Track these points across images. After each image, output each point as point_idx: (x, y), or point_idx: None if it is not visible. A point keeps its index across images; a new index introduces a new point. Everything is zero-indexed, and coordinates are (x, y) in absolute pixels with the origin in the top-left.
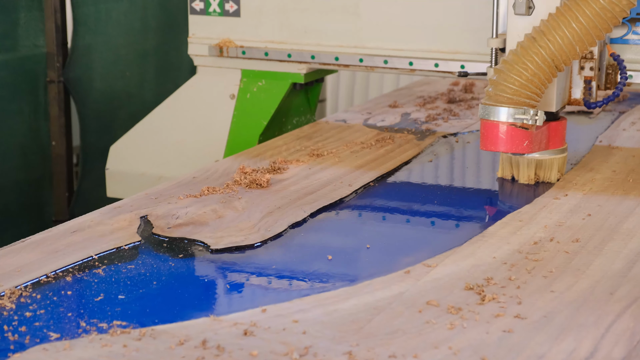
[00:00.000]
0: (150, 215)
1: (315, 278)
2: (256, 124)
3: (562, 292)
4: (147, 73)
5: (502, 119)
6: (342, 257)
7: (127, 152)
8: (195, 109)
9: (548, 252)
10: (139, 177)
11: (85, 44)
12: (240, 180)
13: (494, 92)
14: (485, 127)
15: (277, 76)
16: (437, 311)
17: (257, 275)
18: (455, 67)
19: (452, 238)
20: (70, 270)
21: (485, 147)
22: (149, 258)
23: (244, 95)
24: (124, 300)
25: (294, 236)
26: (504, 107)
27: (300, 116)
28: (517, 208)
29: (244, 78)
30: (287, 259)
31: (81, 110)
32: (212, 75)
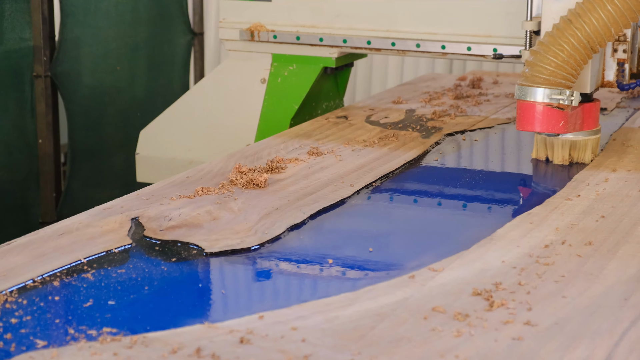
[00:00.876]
0: (141, 217)
1: (315, 283)
2: (287, 108)
3: (575, 298)
4: (138, 67)
5: (538, 99)
6: (343, 261)
7: (157, 137)
8: (226, 94)
9: (560, 255)
10: (169, 162)
11: (73, 37)
12: (237, 180)
13: (531, 73)
14: (522, 108)
15: (308, 60)
16: (444, 318)
17: (254, 280)
18: (488, 50)
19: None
20: (57, 274)
21: (522, 127)
22: (141, 262)
23: (275, 80)
24: (114, 306)
25: (292, 239)
26: (541, 87)
27: (329, 101)
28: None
29: (274, 62)
30: (285, 262)
31: (69, 106)
32: (242, 60)
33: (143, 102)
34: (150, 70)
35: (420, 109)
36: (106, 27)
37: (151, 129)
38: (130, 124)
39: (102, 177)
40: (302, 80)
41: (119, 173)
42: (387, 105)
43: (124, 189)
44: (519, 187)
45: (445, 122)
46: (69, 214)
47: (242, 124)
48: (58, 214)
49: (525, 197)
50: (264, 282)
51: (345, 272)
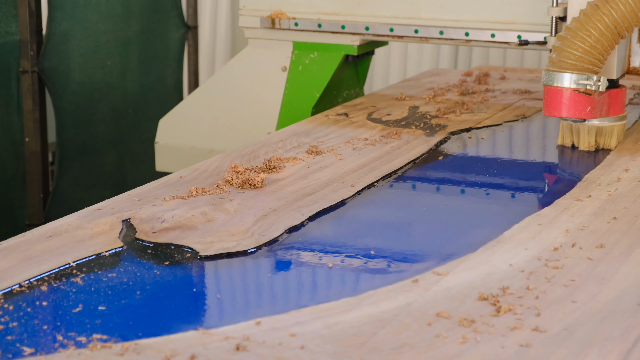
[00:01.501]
0: (133, 219)
1: (314, 287)
2: (309, 96)
3: (585, 303)
4: (129, 62)
5: (565, 84)
6: (344, 265)
7: (176, 126)
8: (246, 82)
9: (570, 258)
10: (189, 151)
11: (61, 31)
12: (232, 180)
13: (558, 59)
14: (549, 93)
15: (329, 48)
16: (448, 324)
17: (250, 284)
18: (512, 37)
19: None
20: (45, 278)
21: (549, 113)
22: (132, 265)
23: (296, 68)
24: (104, 311)
25: (290, 241)
26: (568, 72)
27: (350, 89)
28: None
29: (295, 50)
30: (283, 266)
31: (57, 103)
32: (263, 48)
33: (135, 98)
34: (142, 65)
35: (424, 105)
36: (96, 20)
37: (171, 118)
38: (122, 121)
39: (92, 177)
40: (323, 68)
41: (109, 173)
42: (389, 101)
43: (114, 190)
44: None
45: (450, 119)
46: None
47: (263, 112)
48: (46, 216)
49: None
50: (260, 287)
51: (346, 276)
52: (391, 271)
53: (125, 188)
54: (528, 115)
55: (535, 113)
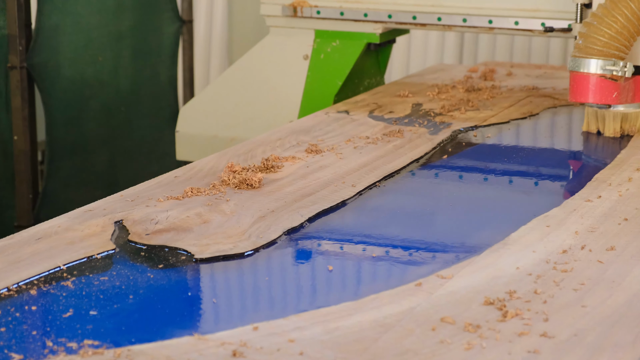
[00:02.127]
0: (126, 220)
1: (314, 291)
2: (331, 85)
3: (595, 307)
4: (122, 58)
5: (592, 70)
6: (345, 268)
7: (197, 114)
8: (268, 70)
9: (579, 261)
10: (210, 140)
11: (51, 25)
12: (229, 180)
13: (584, 45)
14: (575, 79)
15: (351, 36)
16: (453, 329)
17: (247, 288)
18: (536, 24)
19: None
20: (35, 282)
21: (575, 99)
22: (125, 269)
23: (318, 56)
24: (96, 316)
25: (289, 243)
26: (594, 59)
27: (371, 78)
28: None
29: (317, 38)
30: (282, 269)
31: (47, 100)
32: (284, 36)
33: (127, 95)
34: (135, 60)
35: (428, 102)
36: (87, 14)
37: (192, 106)
38: (114, 119)
39: (83, 176)
40: (345, 57)
41: (101, 172)
42: (391, 98)
43: (106, 190)
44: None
45: (454, 117)
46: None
47: (284, 100)
48: (35, 217)
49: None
50: (258, 290)
51: (347, 279)
52: (394, 274)
53: (118, 188)
54: (536, 112)
55: (544, 110)
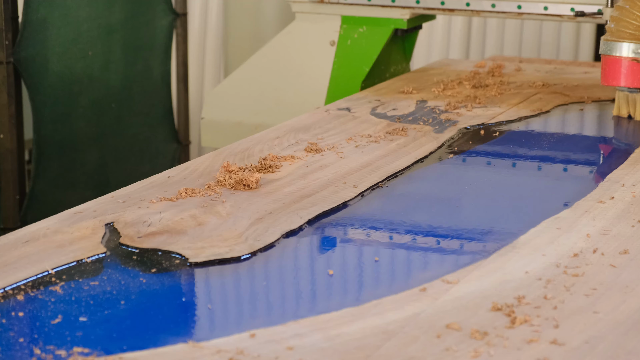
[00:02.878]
0: (117, 222)
1: (314, 297)
2: (358, 71)
3: (608, 314)
4: (113, 52)
5: (623, 54)
6: (346, 272)
7: (223, 101)
8: (294, 57)
9: (591, 265)
10: (235, 126)
11: (39, 18)
12: (225, 180)
13: (616, 28)
14: (607, 63)
15: (379, 22)
16: (459, 336)
17: (244, 293)
18: (565, 10)
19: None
20: (22, 287)
21: (607, 82)
22: (116, 273)
23: (345, 42)
24: (86, 323)
25: (287, 246)
26: (626, 42)
27: (397, 65)
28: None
29: (344, 24)
30: (280, 274)
31: (34, 96)
32: (310, 22)
33: (119, 91)
34: (126, 55)
35: (433, 99)
36: (76, 6)
37: (217, 93)
38: (104, 116)
39: (72, 176)
40: (372, 43)
41: (91, 172)
42: (395, 95)
43: (97, 191)
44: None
45: (461, 114)
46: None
47: (311, 87)
48: (22, 219)
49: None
50: (255, 296)
51: (348, 284)
52: (397, 279)
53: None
54: (546, 109)
55: (555, 108)
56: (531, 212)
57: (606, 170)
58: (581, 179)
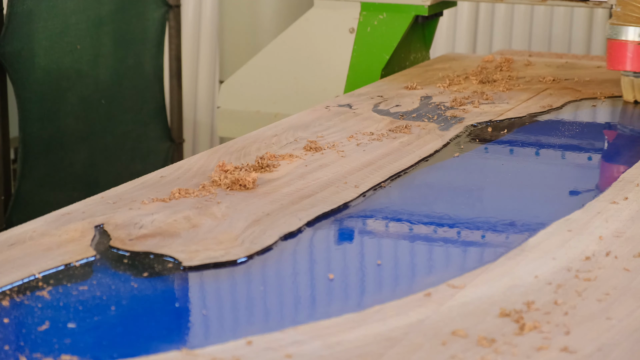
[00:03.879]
0: (107, 224)
1: (313, 302)
2: (378, 59)
3: (621, 320)
4: (102, 46)
5: (630, 38)
6: (347, 276)
7: (240, 89)
8: (312, 44)
9: (603, 269)
10: (253, 115)
11: (25, 10)
12: (220, 180)
13: (623, 12)
14: (613, 47)
15: (399, 9)
16: (465, 343)
17: (240, 298)
18: None
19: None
20: (7, 292)
21: (612, 67)
22: (106, 277)
23: (364, 29)
24: (74, 329)
25: (286, 249)
26: (633, 26)
27: (417, 53)
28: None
29: (363, 11)
30: (278, 278)
31: (20, 92)
32: (329, 9)
33: (108, 87)
34: (117, 49)
35: (438, 95)
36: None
37: (233, 81)
38: (94, 113)
39: (60, 176)
40: (393, 30)
41: (80, 172)
42: (398, 91)
43: (86, 191)
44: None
45: (467, 110)
46: (20, 221)
47: (330, 75)
48: (7, 221)
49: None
50: (252, 301)
51: (349, 289)
52: (401, 283)
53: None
54: (557, 106)
55: (566, 104)
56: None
57: (620, 168)
58: (593, 179)
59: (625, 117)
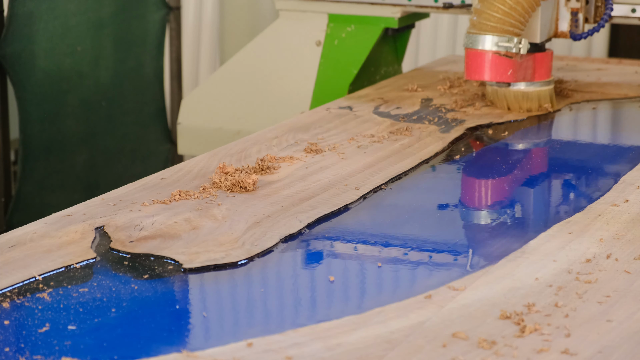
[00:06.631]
0: (107, 226)
1: (314, 304)
2: (345, 73)
3: (622, 322)
4: (103, 48)
5: (486, 47)
6: (348, 278)
7: (201, 105)
8: (277, 57)
9: (604, 271)
10: (214, 132)
11: (25, 12)
12: (220, 182)
13: (479, 21)
14: (470, 56)
15: (368, 21)
16: (466, 345)
17: (241, 300)
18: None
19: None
20: (7, 294)
21: (470, 77)
22: (107, 279)
23: (331, 42)
24: (75, 331)
25: (286, 252)
26: (489, 35)
27: (388, 66)
28: None
29: (330, 23)
30: (278, 280)
31: (21, 94)
32: (295, 21)
33: (109, 89)
34: (117, 51)
35: (439, 97)
36: (65, 0)
37: (195, 97)
38: (94, 114)
39: (61, 178)
40: (361, 43)
41: (80, 174)
42: (399, 93)
43: (86, 193)
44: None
45: (468, 113)
46: (20, 223)
47: (295, 90)
48: (8, 223)
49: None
50: (252, 303)
51: (350, 291)
52: (401, 285)
53: (98, 191)
54: (557, 108)
55: (566, 106)
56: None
57: (620, 171)
58: (593, 182)
59: (622, 119)
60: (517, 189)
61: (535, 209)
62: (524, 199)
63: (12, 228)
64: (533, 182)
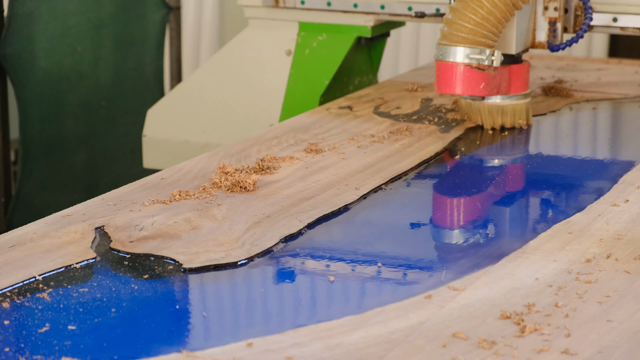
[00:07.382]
0: (107, 226)
1: (314, 304)
2: (317, 84)
3: (622, 322)
4: (103, 48)
5: (457, 59)
6: (348, 279)
7: (167, 117)
8: (246, 67)
9: (604, 271)
10: (181, 145)
11: (25, 12)
12: (220, 182)
13: (449, 32)
14: (441, 69)
15: (340, 29)
16: (466, 346)
17: (241, 300)
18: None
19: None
20: (7, 294)
21: (441, 90)
22: (106, 279)
23: (302, 51)
24: (75, 331)
25: (286, 252)
26: (460, 46)
27: (362, 76)
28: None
29: (301, 32)
30: (279, 280)
31: (21, 94)
32: (265, 29)
33: (109, 89)
34: (117, 51)
35: (439, 97)
36: (65, 0)
37: (160, 108)
38: (94, 114)
39: (61, 178)
40: (333, 52)
41: (80, 174)
42: (399, 93)
43: (86, 193)
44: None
45: None
46: (20, 223)
47: (264, 101)
48: (8, 223)
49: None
50: (252, 303)
51: (350, 291)
52: (401, 286)
53: (98, 191)
54: (557, 108)
55: (566, 106)
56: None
57: (620, 171)
58: (593, 183)
59: (622, 119)
60: (517, 189)
61: (535, 208)
62: (524, 199)
63: (12, 228)
64: (533, 182)
